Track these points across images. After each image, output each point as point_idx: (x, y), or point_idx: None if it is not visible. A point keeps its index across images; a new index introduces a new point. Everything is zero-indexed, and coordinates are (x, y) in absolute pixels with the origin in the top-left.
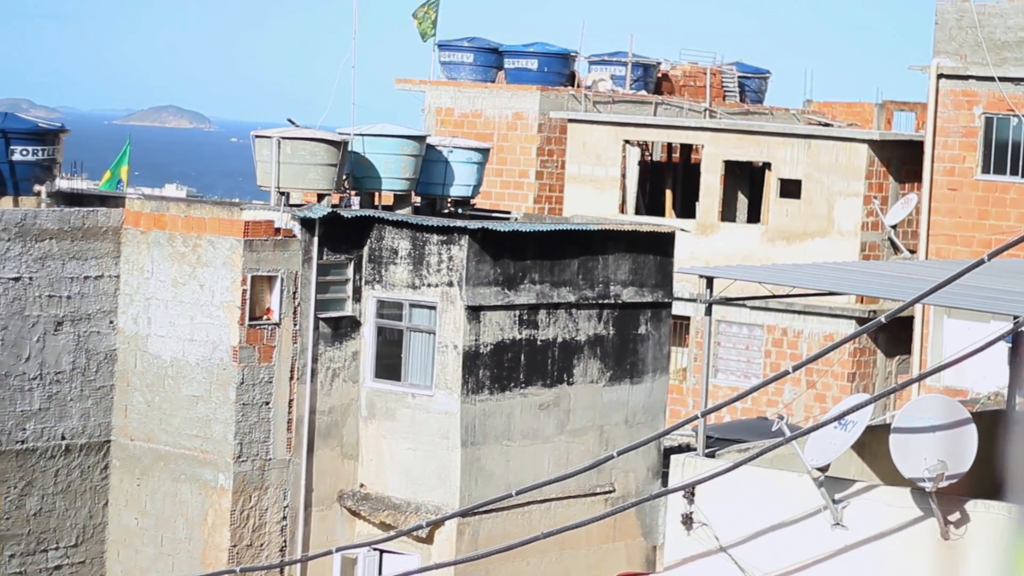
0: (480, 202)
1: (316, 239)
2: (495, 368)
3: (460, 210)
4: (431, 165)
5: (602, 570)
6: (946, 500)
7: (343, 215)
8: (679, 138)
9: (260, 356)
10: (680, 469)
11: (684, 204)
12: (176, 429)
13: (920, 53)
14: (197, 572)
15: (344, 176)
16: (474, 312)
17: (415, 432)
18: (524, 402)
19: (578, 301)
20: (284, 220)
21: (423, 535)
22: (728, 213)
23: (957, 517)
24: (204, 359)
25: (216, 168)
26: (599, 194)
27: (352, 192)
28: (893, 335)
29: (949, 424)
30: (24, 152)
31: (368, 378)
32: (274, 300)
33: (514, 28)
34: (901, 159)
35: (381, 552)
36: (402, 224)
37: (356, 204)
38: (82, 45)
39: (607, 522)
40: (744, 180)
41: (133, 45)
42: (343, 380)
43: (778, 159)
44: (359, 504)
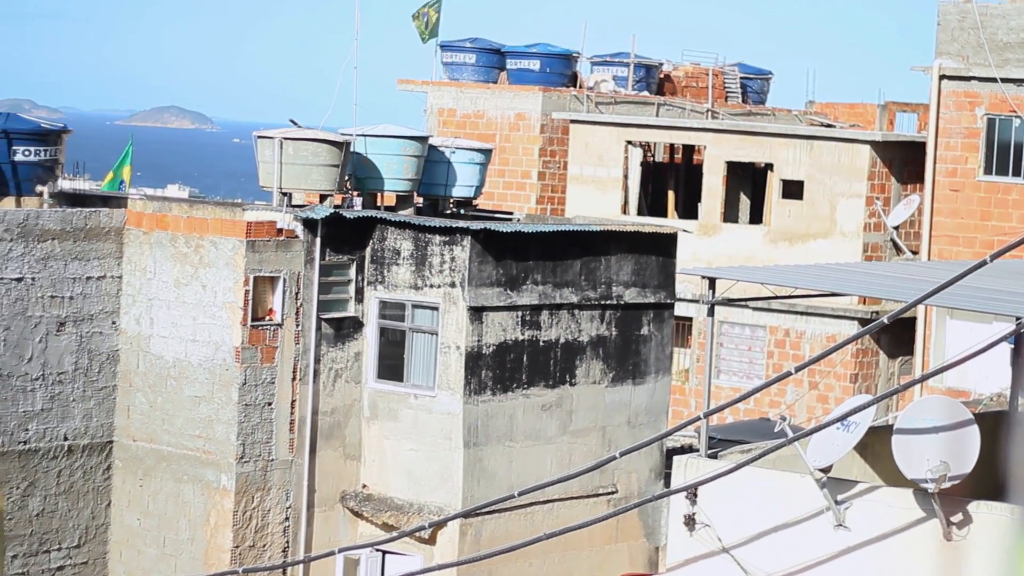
0: (482, 203)
1: (318, 240)
2: (497, 369)
3: (462, 211)
4: (433, 166)
5: (604, 571)
6: (948, 501)
7: (345, 216)
8: (681, 139)
9: (262, 357)
10: (682, 470)
11: (686, 205)
12: (178, 430)
13: (922, 54)
14: (200, 573)
15: (346, 177)
16: (476, 313)
17: (417, 433)
18: (526, 403)
19: (580, 302)
20: (286, 221)
21: (426, 536)
22: (730, 214)
23: (960, 518)
24: (206, 360)
25: (218, 169)
26: (601, 195)
27: (354, 193)
28: (895, 336)
29: (951, 425)
30: (26, 152)
31: (370, 379)
32: (276, 301)
33: (516, 29)
34: (903, 160)
35: (384, 553)
36: (404, 225)
37: (358, 205)
38: (84, 45)
39: (610, 523)
40: (746, 181)
41: (135, 46)
42: (345, 381)
43: (780, 160)
44: (362, 505)
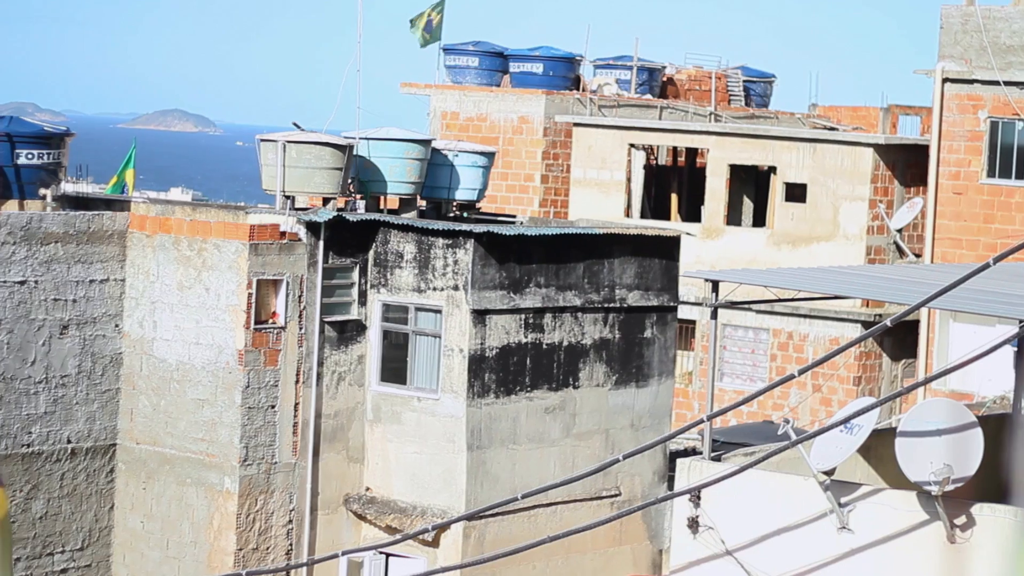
0: (485, 206)
1: (321, 243)
2: (501, 372)
3: (465, 214)
4: (436, 169)
5: (608, 574)
6: (952, 504)
7: (348, 219)
8: (684, 142)
9: (266, 360)
10: (686, 473)
11: (689, 208)
12: (182, 432)
13: (925, 57)
14: None
15: (349, 180)
16: (480, 316)
17: (421, 436)
18: (530, 406)
19: (584, 305)
20: (289, 224)
21: (429, 539)
22: (733, 217)
23: (963, 521)
24: (210, 363)
25: (221, 172)
26: (604, 198)
27: (357, 196)
28: (899, 339)
29: (955, 428)
30: (30, 156)
31: (374, 382)
32: (279, 304)
33: (519, 32)
34: (906, 163)
35: (387, 556)
36: (407, 228)
37: (361, 208)
38: (87, 49)
39: (613, 526)
40: (749, 184)
41: (138, 49)
42: (349, 384)
43: (783, 163)
44: (365, 507)
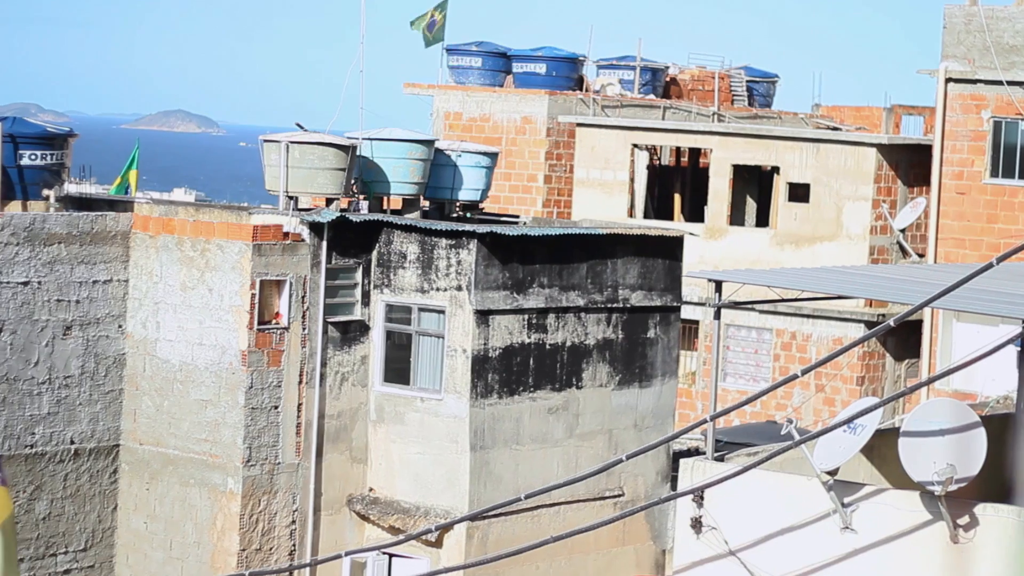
0: (489, 206)
1: (325, 243)
2: (504, 372)
3: (469, 214)
4: (440, 169)
5: (611, 574)
6: (955, 504)
7: (352, 219)
8: (687, 142)
9: (269, 360)
10: (689, 473)
11: (693, 208)
12: (185, 433)
13: (928, 57)
14: None
15: (353, 180)
16: (483, 316)
17: (424, 436)
18: (533, 406)
19: (587, 305)
20: (293, 224)
21: (432, 539)
22: (737, 217)
23: (966, 521)
24: (213, 363)
25: (224, 172)
26: (607, 198)
27: (361, 196)
28: (902, 339)
29: (958, 428)
30: (33, 156)
31: (377, 382)
32: (283, 304)
33: (522, 32)
34: (909, 163)
35: (390, 556)
36: (411, 228)
37: (365, 208)
38: (90, 50)
39: (616, 526)
40: (753, 184)
41: (141, 50)
42: (352, 384)
43: (787, 163)
44: (368, 508)
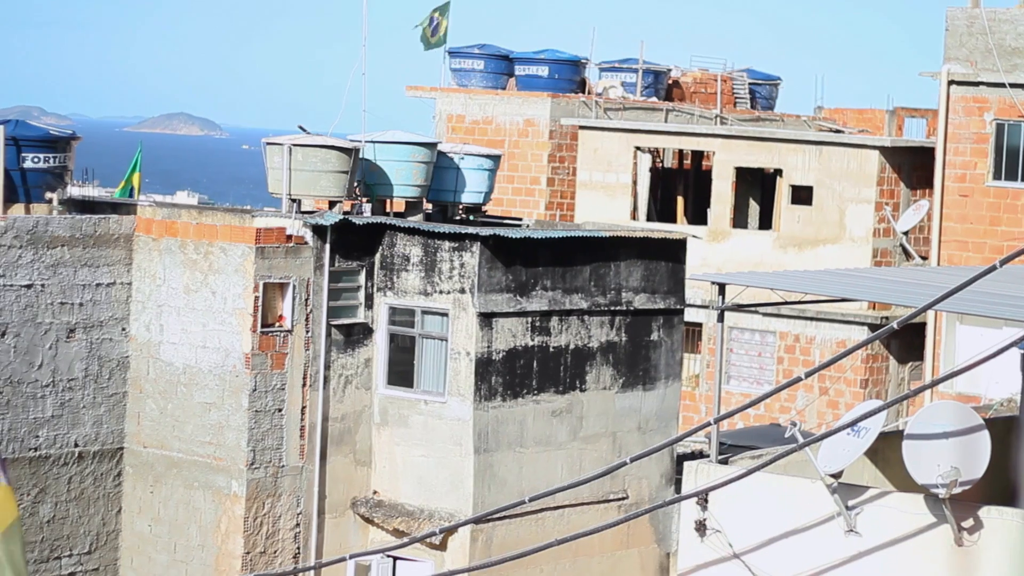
0: (491, 209)
1: (328, 246)
2: (507, 375)
3: (471, 217)
4: (442, 172)
5: None
6: (959, 506)
7: (355, 222)
8: (690, 144)
9: (272, 363)
10: (693, 476)
11: (695, 211)
12: (189, 436)
13: (931, 60)
14: None
15: (355, 183)
16: (486, 319)
17: (428, 439)
18: (537, 409)
19: (590, 308)
20: (296, 227)
21: (436, 542)
22: (740, 220)
23: (970, 523)
24: (216, 366)
25: (227, 175)
26: (610, 201)
27: (363, 199)
28: (905, 341)
29: (962, 430)
30: (36, 159)
31: (380, 385)
32: (286, 307)
33: (524, 35)
34: (912, 165)
35: (394, 559)
36: (414, 231)
37: (367, 211)
38: (93, 53)
39: (620, 529)
40: (755, 186)
41: (144, 53)
42: (356, 387)
43: (789, 165)
44: (372, 511)
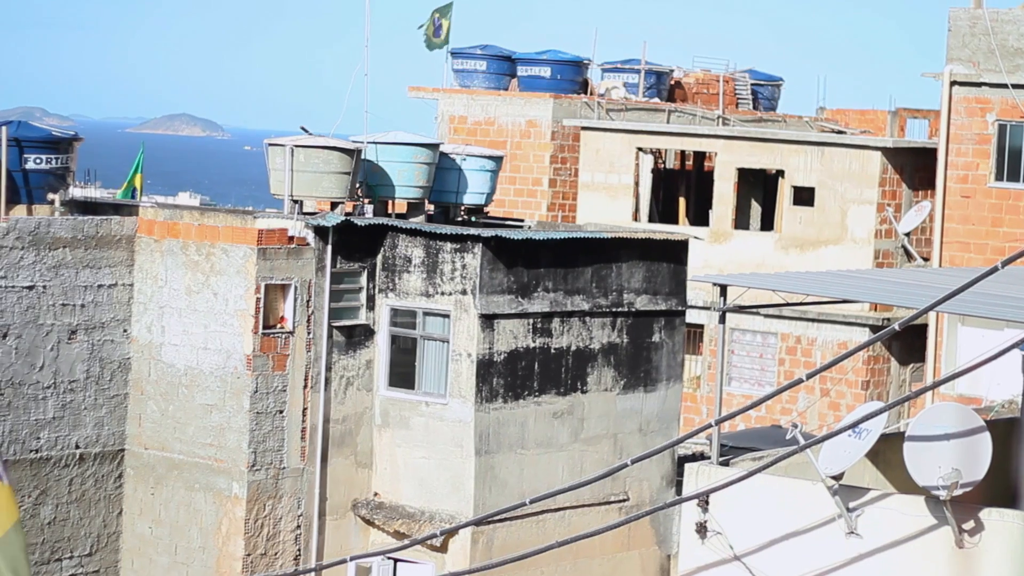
0: (493, 210)
1: (330, 247)
2: (509, 376)
3: (473, 218)
4: (444, 173)
5: None
6: (960, 508)
7: (356, 223)
8: (692, 145)
9: (274, 365)
10: (694, 477)
11: (697, 212)
12: (190, 438)
13: (933, 60)
14: None
15: (357, 184)
16: (488, 320)
17: (429, 440)
18: (538, 410)
19: (592, 309)
20: (298, 228)
21: (437, 544)
22: (741, 221)
23: (972, 525)
24: (218, 368)
25: (229, 176)
26: (612, 202)
27: (365, 200)
28: (907, 343)
29: (963, 432)
30: (38, 160)
31: (382, 386)
32: (288, 308)
33: (527, 36)
34: (914, 166)
35: (395, 561)
36: (416, 232)
37: (369, 212)
38: (95, 54)
39: (621, 531)
40: (757, 188)
41: (146, 54)
42: (357, 388)
43: (791, 167)
44: (373, 513)
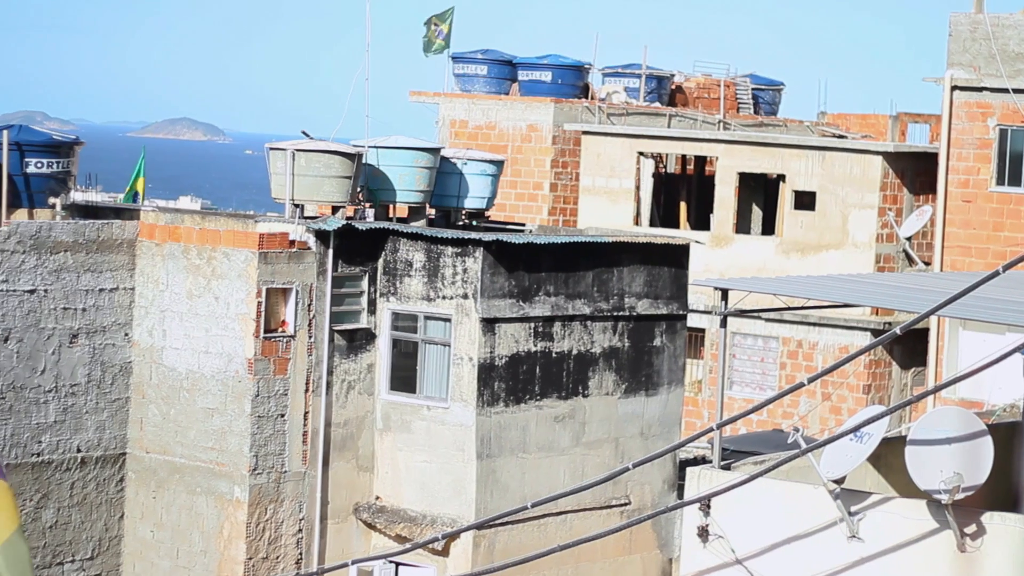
0: (494, 214)
1: (331, 251)
2: (510, 380)
3: (474, 222)
4: (446, 177)
5: None
6: (962, 512)
7: (358, 227)
8: (693, 150)
9: (275, 368)
10: (696, 481)
11: (698, 216)
12: (191, 441)
13: (934, 65)
14: None
15: (359, 188)
16: (489, 324)
17: (430, 444)
18: (539, 414)
19: (593, 313)
20: (299, 232)
21: (439, 547)
22: (743, 225)
23: (973, 529)
24: (219, 371)
25: (230, 180)
26: (613, 206)
27: (367, 204)
28: (908, 347)
29: (965, 436)
30: (39, 164)
31: (383, 390)
32: (289, 312)
33: (528, 40)
34: (915, 171)
35: (397, 565)
36: (417, 236)
37: (371, 216)
38: (96, 58)
39: (623, 534)
40: (758, 192)
41: (147, 58)
42: (358, 392)
43: (793, 171)
44: (375, 516)
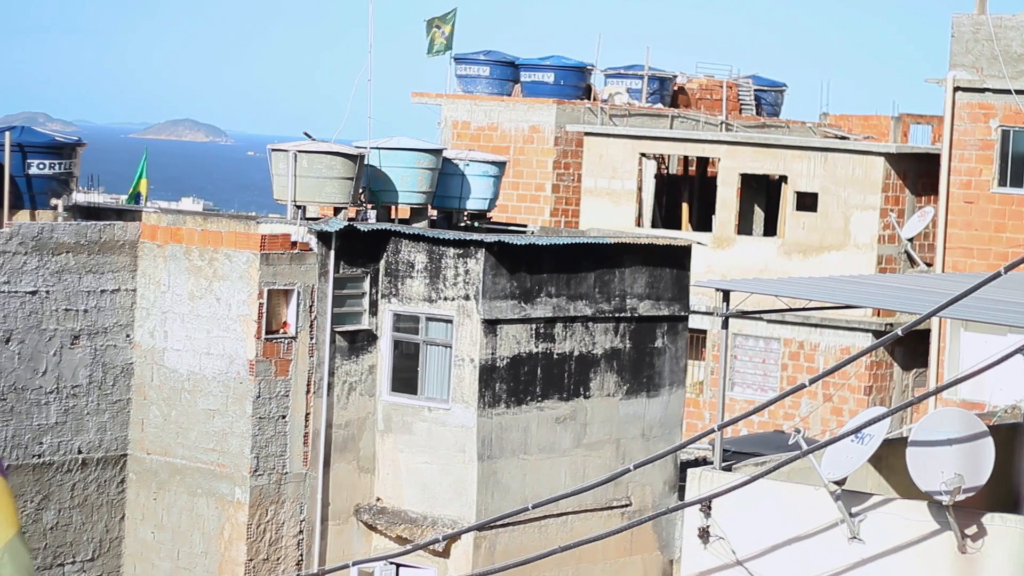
0: (496, 215)
1: (332, 252)
2: (512, 382)
3: (476, 223)
4: (448, 178)
5: None
6: (963, 513)
7: (359, 228)
8: (695, 151)
9: (277, 370)
10: (697, 483)
11: (700, 217)
12: (193, 443)
13: (936, 66)
14: None
15: (360, 189)
16: (490, 325)
17: (432, 446)
18: (540, 416)
19: (595, 314)
20: (301, 234)
21: (440, 549)
22: (744, 226)
23: (974, 530)
24: (221, 373)
25: (232, 181)
26: (615, 207)
27: (368, 205)
28: (910, 348)
29: (966, 437)
30: (41, 166)
31: (384, 392)
32: (291, 313)
33: (530, 41)
34: (917, 172)
35: (398, 566)
36: (418, 237)
37: (372, 217)
38: (99, 59)
39: (624, 536)
40: (760, 193)
41: (150, 59)
42: (359, 394)
43: (795, 172)
44: (376, 518)
